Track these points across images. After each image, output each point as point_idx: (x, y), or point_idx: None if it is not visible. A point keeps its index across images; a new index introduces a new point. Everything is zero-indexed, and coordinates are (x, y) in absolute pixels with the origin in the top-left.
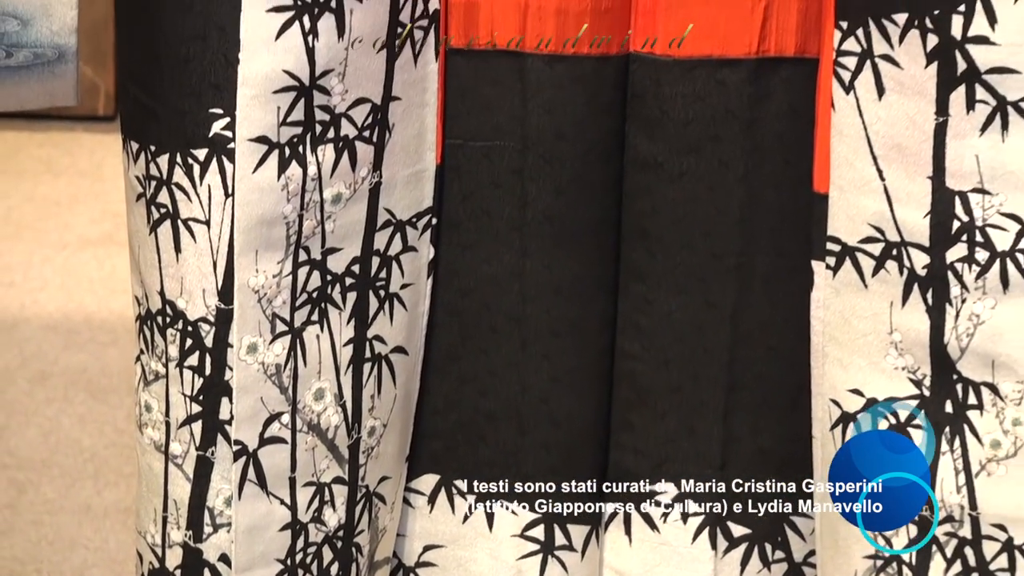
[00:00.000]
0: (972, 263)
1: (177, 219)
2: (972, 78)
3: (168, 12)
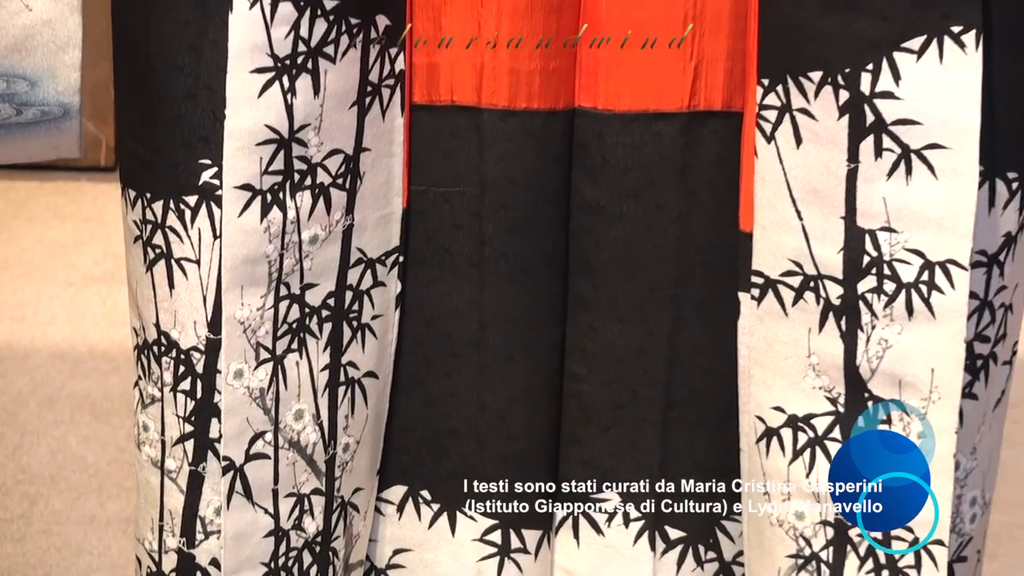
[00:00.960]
0: (881, 293)
1: (171, 259)
2: (880, 129)
3: (161, 74)
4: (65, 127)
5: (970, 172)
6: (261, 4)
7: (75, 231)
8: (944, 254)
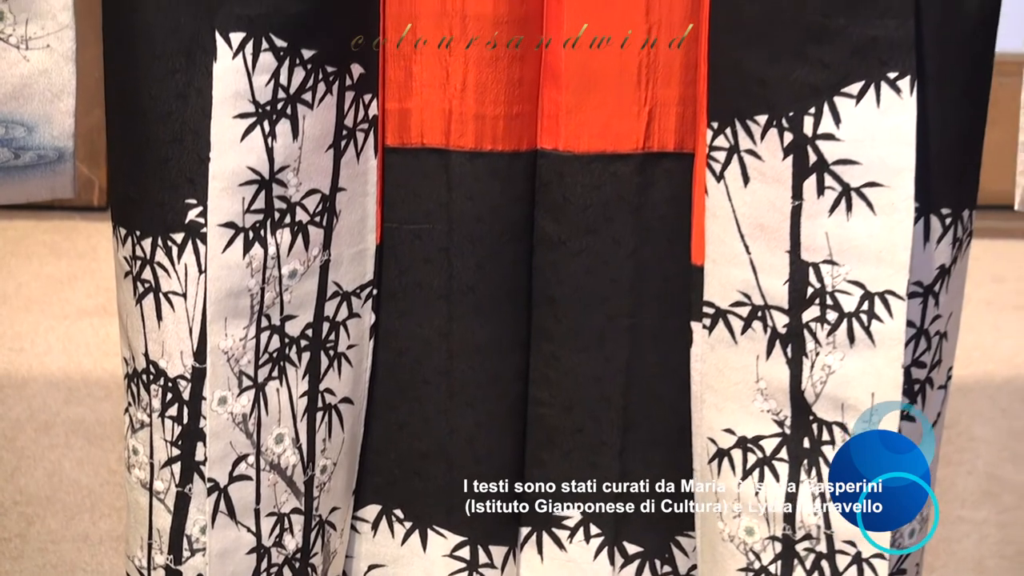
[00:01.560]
0: (824, 322)
1: (159, 292)
2: (822, 168)
3: (150, 120)
4: (60, 170)
5: (906, 208)
6: (243, 54)
7: (69, 267)
8: (883, 285)
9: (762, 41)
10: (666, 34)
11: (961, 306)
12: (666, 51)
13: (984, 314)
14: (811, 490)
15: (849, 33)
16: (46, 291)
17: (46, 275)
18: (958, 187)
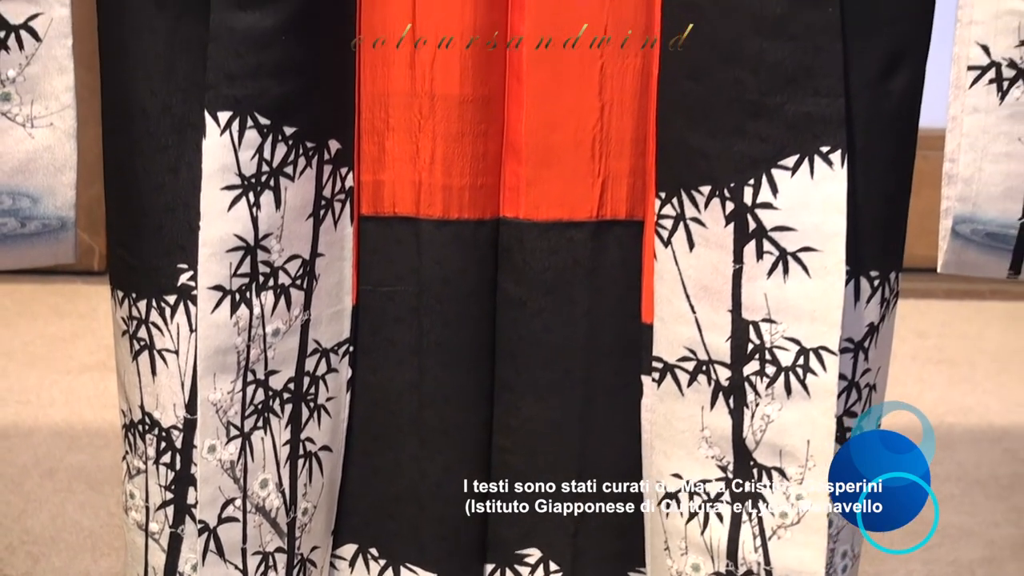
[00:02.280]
0: (763, 376)
1: (153, 350)
2: (761, 235)
3: (145, 192)
4: (63, 237)
5: (838, 271)
6: (230, 131)
7: (72, 326)
8: (817, 342)
9: (705, 118)
10: (618, 111)
11: (889, 360)
12: (618, 126)
13: (909, 368)
14: (752, 529)
15: (785, 110)
16: (50, 348)
17: (50, 334)
18: (885, 251)
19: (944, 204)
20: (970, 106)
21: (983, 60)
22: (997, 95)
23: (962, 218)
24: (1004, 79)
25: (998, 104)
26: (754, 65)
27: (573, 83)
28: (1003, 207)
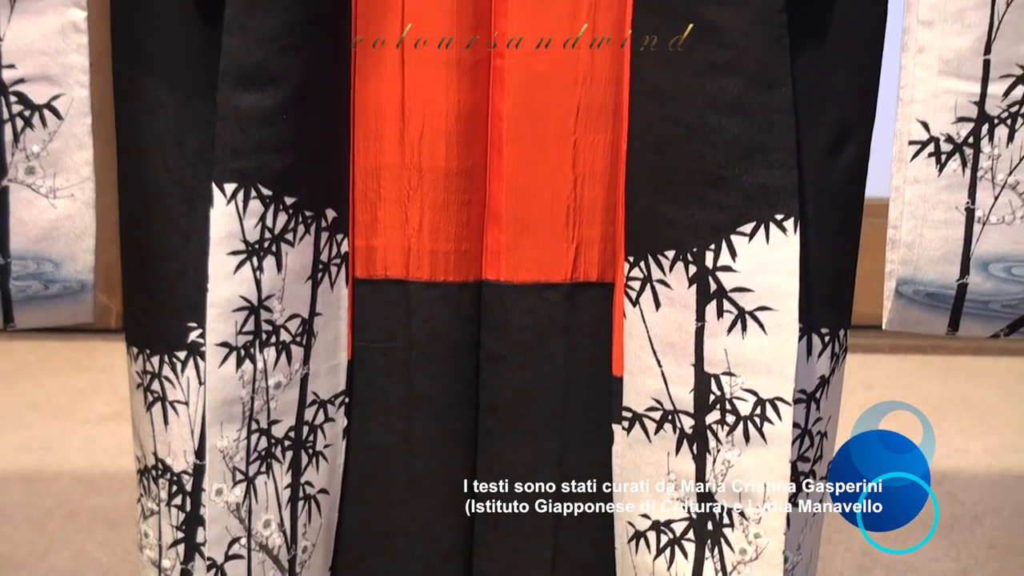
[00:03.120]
0: (724, 424)
1: (165, 401)
2: (721, 295)
3: (158, 257)
4: (82, 299)
5: (792, 328)
6: (236, 201)
7: (91, 380)
8: (773, 393)
9: (670, 188)
10: (590, 183)
11: (839, 410)
12: (590, 196)
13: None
14: (714, 565)
15: (743, 182)
16: (71, 400)
17: (71, 386)
18: (835, 310)
19: (888, 267)
20: (911, 177)
21: (923, 135)
22: (936, 167)
23: (905, 280)
24: (942, 153)
25: (937, 176)
26: (714, 140)
27: (549, 157)
28: (942, 269)
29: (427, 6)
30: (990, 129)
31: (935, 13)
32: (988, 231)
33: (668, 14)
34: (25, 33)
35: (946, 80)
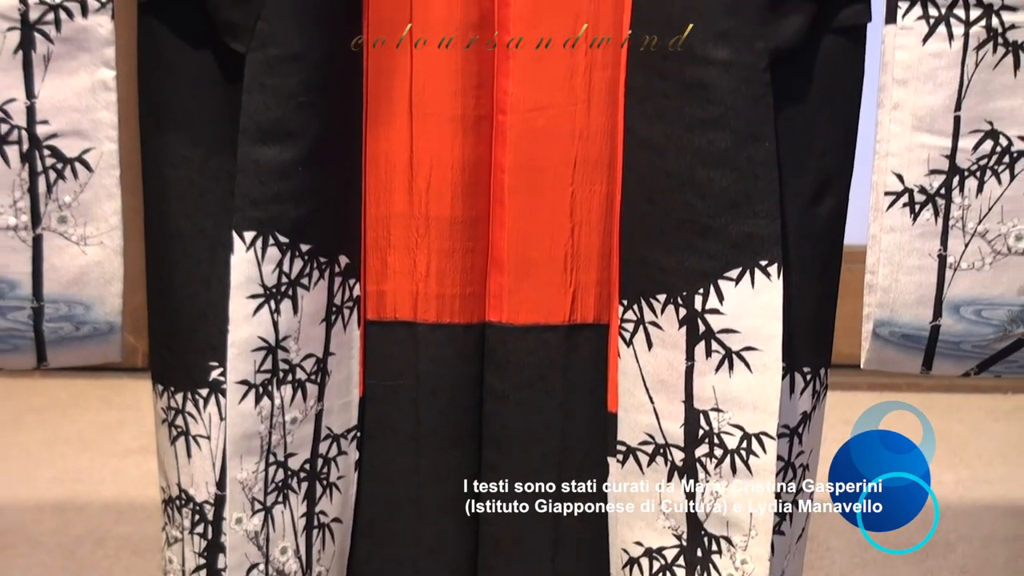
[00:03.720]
0: (712, 457)
1: (189, 435)
2: (709, 336)
3: (182, 300)
4: (111, 339)
5: (776, 367)
6: (255, 248)
7: (118, 415)
8: (758, 428)
9: (661, 237)
10: (586, 231)
11: (820, 444)
12: (586, 244)
13: (835, 451)
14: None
15: (730, 230)
16: (100, 434)
17: (100, 422)
18: (816, 350)
19: (866, 310)
20: (887, 226)
21: (898, 187)
22: (910, 217)
23: (881, 322)
24: (916, 203)
25: (911, 224)
26: (703, 191)
27: (548, 207)
28: (916, 312)
29: (433, 72)
30: (960, 181)
31: (909, 72)
32: (959, 276)
33: (660, 73)
34: (58, 91)
35: (919, 135)
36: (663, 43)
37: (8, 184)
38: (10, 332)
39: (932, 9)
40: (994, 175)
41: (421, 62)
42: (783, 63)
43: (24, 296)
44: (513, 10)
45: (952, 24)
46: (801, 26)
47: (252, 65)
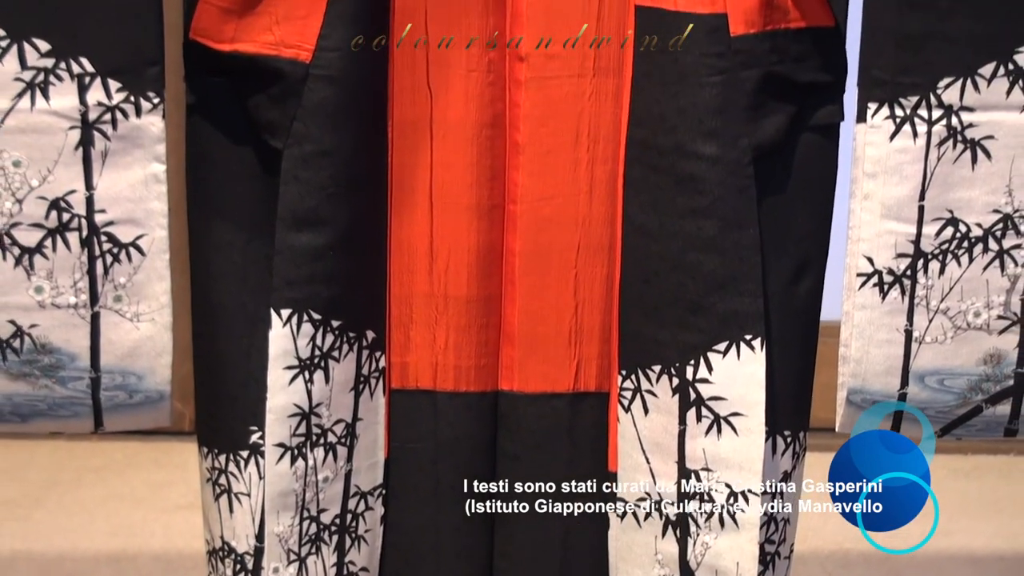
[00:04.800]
0: (702, 512)
1: (231, 493)
2: (699, 403)
3: (226, 371)
4: (161, 406)
5: (759, 431)
6: (291, 324)
7: (168, 475)
8: (744, 486)
9: (657, 314)
10: (588, 309)
11: (799, 499)
12: (589, 320)
13: None
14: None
15: (718, 308)
16: (151, 492)
17: (151, 481)
18: (796, 415)
19: (840, 379)
20: (859, 304)
21: (869, 269)
22: (880, 296)
23: (854, 390)
24: (885, 283)
25: (880, 303)
26: (693, 273)
27: (554, 287)
28: (885, 381)
29: (451, 165)
30: (925, 264)
31: (878, 166)
32: (924, 349)
33: (654, 167)
34: (114, 183)
35: (887, 222)
36: (658, 142)
37: (69, 267)
38: (71, 400)
39: (899, 110)
40: (954, 258)
41: (440, 156)
42: (765, 158)
43: (83, 367)
44: (523, 110)
45: (916, 123)
46: (781, 125)
47: (288, 160)
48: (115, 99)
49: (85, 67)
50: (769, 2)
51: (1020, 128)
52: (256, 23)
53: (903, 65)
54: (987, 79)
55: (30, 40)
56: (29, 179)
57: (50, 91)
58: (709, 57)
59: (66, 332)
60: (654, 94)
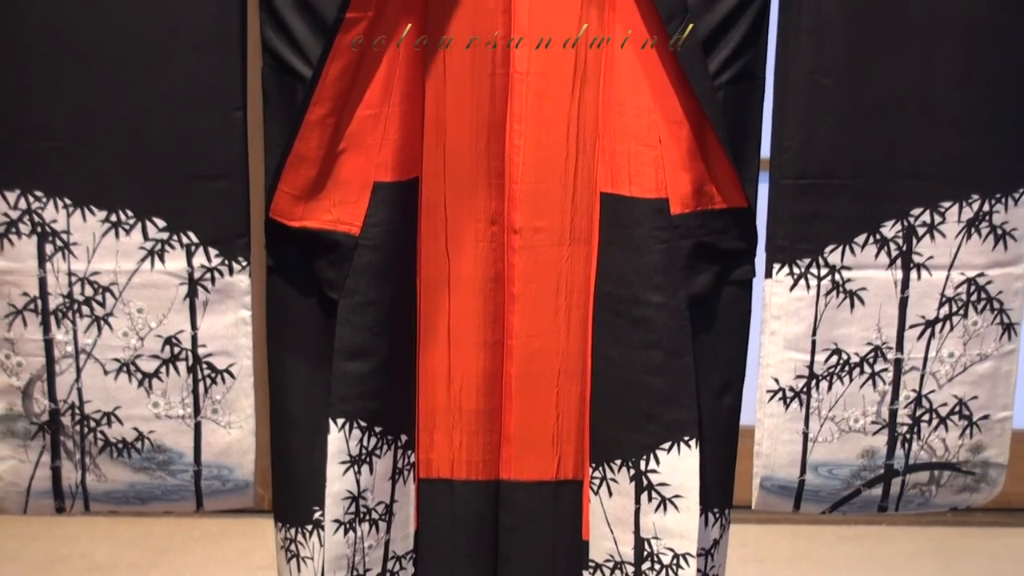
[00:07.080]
0: (653, 569)
1: (299, 557)
2: (650, 488)
3: (295, 467)
4: (245, 492)
5: (695, 509)
6: (344, 430)
7: (251, 543)
8: (684, 550)
9: (619, 421)
10: (566, 417)
11: (726, 559)
12: (566, 426)
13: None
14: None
15: (664, 417)
16: (239, 556)
17: (239, 548)
18: (722, 496)
19: (755, 469)
20: (768, 413)
21: (775, 387)
22: (784, 407)
23: (765, 478)
24: (788, 397)
25: (784, 412)
26: (645, 391)
27: (542, 402)
28: (789, 471)
29: (463, 312)
30: (816, 383)
31: (781, 311)
32: (817, 446)
33: (616, 312)
34: (212, 325)
35: (789, 352)
36: (619, 293)
37: (179, 387)
38: (179, 487)
39: (796, 268)
40: (839, 379)
41: (456, 304)
42: (697, 304)
43: (188, 463)
44: (517, 270)
45: (809, 278)
46: (709, 281)
47: (343, 307)
48: (213, 262)
49: (192, 239)
50: (699, 189)
51: (886, 282)
52: (318, 206)
53: (799, 235)
54: (860, 246)
55: (151, 219)
56: (149, 322)
57: (165, 256)
58: (656, 230)
59: (176, 436)
60: (616, 257)
